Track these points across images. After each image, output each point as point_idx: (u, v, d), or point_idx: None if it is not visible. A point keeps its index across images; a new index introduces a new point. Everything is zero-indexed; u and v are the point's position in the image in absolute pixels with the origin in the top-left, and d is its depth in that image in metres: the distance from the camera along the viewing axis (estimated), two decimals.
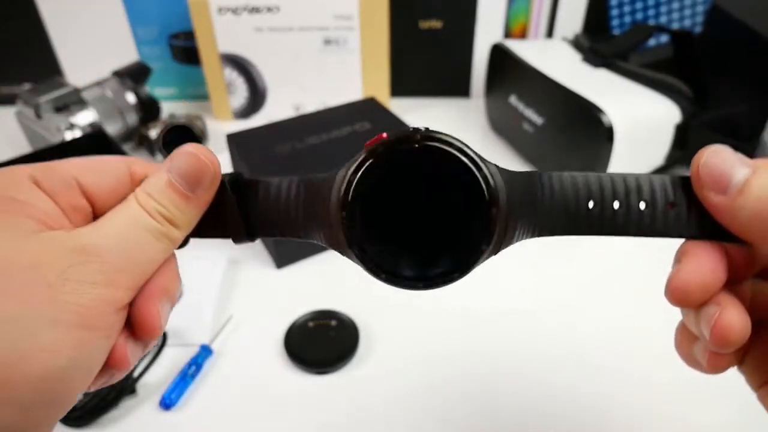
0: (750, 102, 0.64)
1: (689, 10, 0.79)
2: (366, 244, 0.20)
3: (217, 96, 0.77)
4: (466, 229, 0.20)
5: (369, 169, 0.19)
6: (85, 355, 0.18)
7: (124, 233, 0.20)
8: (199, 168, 0.21)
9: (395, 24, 0.74)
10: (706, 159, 0.20)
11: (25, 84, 0.81)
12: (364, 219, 0.20)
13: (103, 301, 0.19)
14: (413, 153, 0.20)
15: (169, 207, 0.21)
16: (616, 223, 0.21)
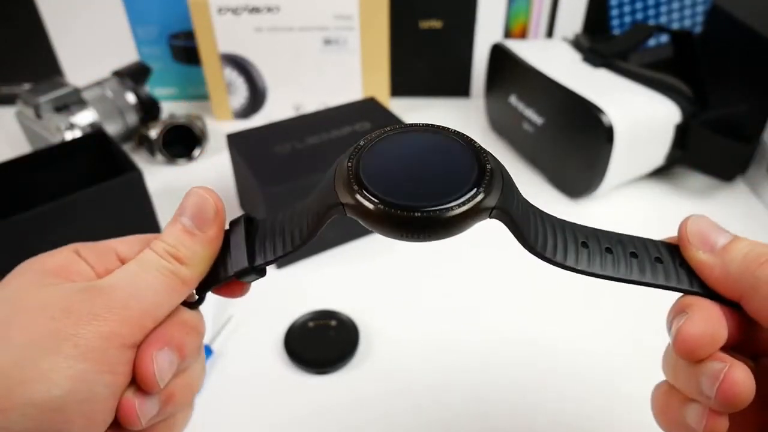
0: (750, 102, 0.64)
1: (689, 10, 0.79)
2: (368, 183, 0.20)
3: (217, 96, 0.77)
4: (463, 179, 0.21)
5: (375, 138, 0.21)
6: (83, 388, 0.18)
7: (133, 273, 0.21)
8: (199, 203, 0.22)
9: (395, 24, 0.74)
10: (692, 221, 0.22)
11: (25, 84, 0.81)
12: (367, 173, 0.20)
13: (104, 335, 0.19)
14: (412, 133, 0.22)
15: (176, 245, 0.22)
16: (606, 263, 0.22)
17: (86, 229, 0.52)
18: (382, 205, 0.19)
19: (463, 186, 0.20)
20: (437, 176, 0.20)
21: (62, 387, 0.18)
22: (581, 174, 0.61)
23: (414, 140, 0.22)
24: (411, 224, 0.19)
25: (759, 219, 0.60)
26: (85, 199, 0.50)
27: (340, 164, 0.21)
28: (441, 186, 0.20)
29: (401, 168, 0.21)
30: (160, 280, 0.21)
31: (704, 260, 0.21)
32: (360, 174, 0.20)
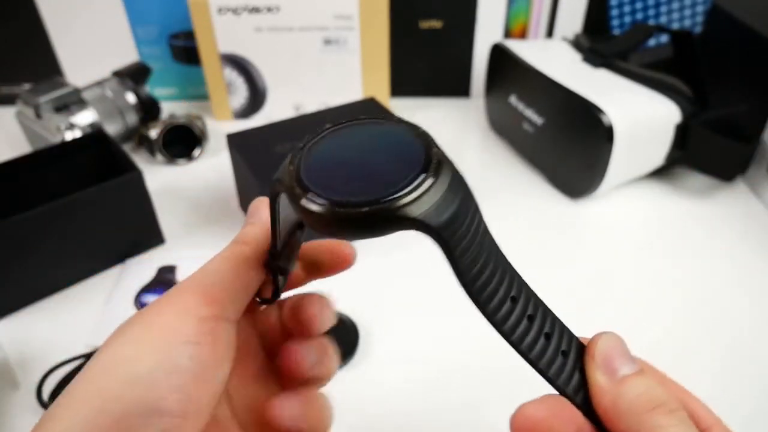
0: (750, 102, 0.64)
1: (689, 10, 0.79)
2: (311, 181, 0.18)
3: (217, 96, 0.77)
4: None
5: (318, 135, 0.20)
6: (168, 361, 0.19)
7: (207, 262, 0.23)
8: (251, 206, 0.25)
9: (395, 24, 0.74)
10: (603, 340, 0.21)
11: (25, 84, 0.81)
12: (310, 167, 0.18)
13: (175, 310, 0.20)
14: (352, 126, 0.20)
15: (240, 233, 0.24)
16: (517, 328, 0.20)
17: (86, 229, 0.52)
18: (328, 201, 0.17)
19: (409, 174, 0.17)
20: (374, 169, 0.18)
21: (145, 363, 0.19)
22: (581, 174, 0.61)
23: (358, 133, 0.20)
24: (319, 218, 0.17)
25: (759, 219, 0.60)
26: (85, 199, 0.50)
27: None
28: (370, 180, 0.18)
29: (341, 164, 0.19)
30: (220, 261, 0.22)
31: (600, 383, 0.20)
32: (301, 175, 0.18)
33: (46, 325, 0.50)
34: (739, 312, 0.50)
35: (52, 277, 0.52)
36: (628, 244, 0.58)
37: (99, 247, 0.54)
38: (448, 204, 0.17)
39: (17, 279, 0.50)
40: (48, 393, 0.43)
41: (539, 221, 0.61)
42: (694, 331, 0.49)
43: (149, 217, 0.56)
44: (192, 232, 0.60)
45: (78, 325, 0.49)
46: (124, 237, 0.55)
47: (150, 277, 0.54)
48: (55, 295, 0.53)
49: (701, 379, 0.45)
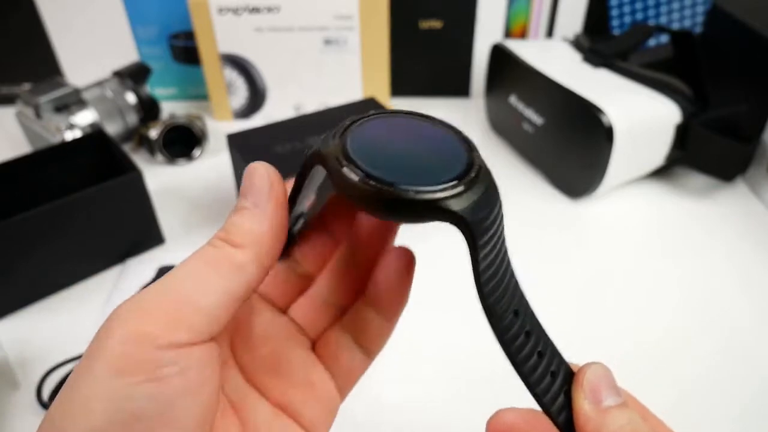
0: (750, 102, 0.64)
1: (689, 10, 0.79)
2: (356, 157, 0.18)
3: (217, 96, 0.77)
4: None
5: (362, 120, 0.20)
6: (122, 407, 0.16)
7: (175, 270, 0.18)
8: (251, 178, 0.20)
9: (395, 24, 0.74)
10: (592, 370, 0.21)
11: (25, 84, 0.81)
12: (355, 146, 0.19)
13: (129, 338, 0.16)
14: (398, 117, 0.21)
15: (228, 228, 0.19)
16: (516, 341, 0.20)
17: (86, 229, 0.52)
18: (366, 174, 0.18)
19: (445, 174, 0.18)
20: (421, 160, 0.19)
21: (99, 414, 0.16)
22: (581, 174, 0.61)
23: (403, 124, 0.21)
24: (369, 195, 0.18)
25: (759, 219, 0.60)
26: (85, 199, 0.50)
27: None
28: (421, 169, 0.19)
29: (388, 147, 0.19)
30: (203, 269, 0.18)
31: (585, 410, 0.20)
32: (347, 147, 0.19)
33: (46, 325, 0.50)
34: (739, 312, 0.50)
35: (52, 277, 0.52)
36: (628, 243, 0.58)
37: (99, 247, 0.54)
38: (483, 206, 0.18)
39: (17, 279, 0.50)
40: (48, 393, 0.43)
41: (539, 221, 0.61)
42: (694, 330, 0.49)
43: (149, 217, 0.56)
44: (192, 232, 0.60)
45: (78, 325, 0.49)
46: (124, 237, 0.55)
47: (150, 277, 0.54)
48: (55, 295, 0.53)
49: (701, 379, 0.45)
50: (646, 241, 0.58)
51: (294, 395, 0.22)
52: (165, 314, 0.17)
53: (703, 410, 0.42)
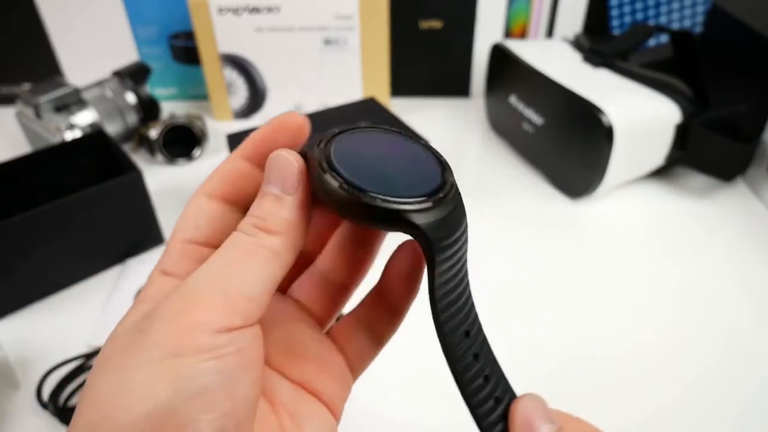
0: (750, 102, 0.64)
1: (689, 10, 0.79)
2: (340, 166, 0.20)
3: (217, 96, 0.77)
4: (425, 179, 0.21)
5: (344, 132, 0.22)
6: (187, 383, 0.17)
7: (215, 259, 0.19)
8: (282, 165, 0.20)
9: (395, 24, 0.74)
10: (523, 404, 0.21)
11: (25, 84, 0.81)
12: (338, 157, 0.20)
13: (187, 328, 0.18)
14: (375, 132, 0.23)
15: (263, 215, 0.20)
16: (463, 361, 0.21)
17: (86, 229, 0.52)
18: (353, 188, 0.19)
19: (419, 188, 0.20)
20: (397, 174, 0.21)
21: (164, 390, 0.17)
22: (581, 174, 0.61)
23: (389, 140, 0.23)
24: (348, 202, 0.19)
25: (759, 219, 0.60)
26: (85, 199, 0.50)
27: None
28: (398, 180, 0.20)
29: (369, 158, 0.21)
30: (244, 258, 0.19)
31: None
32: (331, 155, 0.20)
33: (46, 325, 0.50)
34: (739, 312, 0.50)
35: (52, 277, 0.52)
36: (628, 244, 0.58)
37: (99, 247, 0.54)
38: (446, 225, 0.20)
39: (17, 279, 0.50)
40: (48, 393, 0.43)
41: (539, 221, 0.61)
42: (694, 330, 0.49)
43: (149, 217, 0.56)
44: None
45: (78, 325, 0.49)
46: (124, 237, 0.55)
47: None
48: (55, 295, 0.53)
49: (701, 379, 0.45)
50: (646, 241, 0.58)
51: (311, 374, 0.23)
52: (218, 304, 0.18)
53: (703, 410, 0.42)
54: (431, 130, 0.68)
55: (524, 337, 0.48)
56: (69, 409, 0.42)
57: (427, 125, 0.70)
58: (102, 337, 0.47)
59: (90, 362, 0.45)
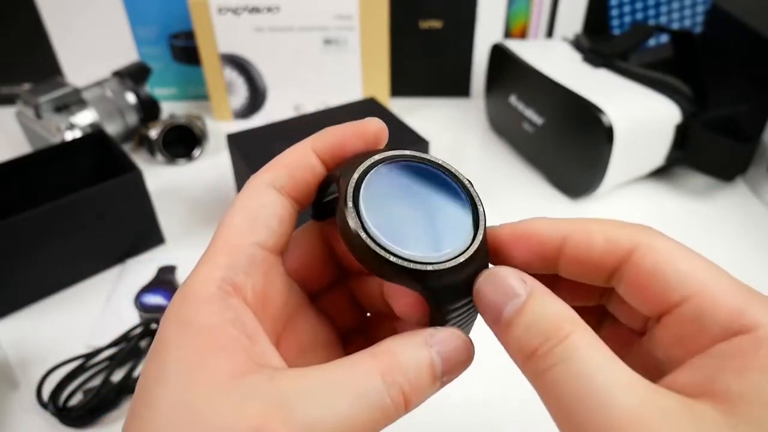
0: (750, 102, 0.64)
1: (689, 10, 0.79)
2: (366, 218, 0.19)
3: (217, 96, 0.77)
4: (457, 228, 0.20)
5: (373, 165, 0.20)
6: None
7: (348, 411, 0.16)
8: (466, 358, 0.19)
9: (395, 24, 0.74)
10: (479, 286, 0.19)
11: (25, 84, 0.81)
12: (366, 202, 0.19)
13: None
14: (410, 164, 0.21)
15: (414, 387, 0.18)
16: None
17: (86, 229, 0.52)
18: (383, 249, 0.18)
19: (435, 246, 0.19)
20: (421, 224, 0.20)
21: (257, 410, 0.16)
22: (581, 174, 0.61)
23: (423, 177, 0.21)
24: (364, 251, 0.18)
25: (759, 219, 0.60)
26: (85, 199, 0.50)
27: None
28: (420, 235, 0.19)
29: (398, 205, 0.20)
30: (370, 422, 0.17)
31: (492, 329, 0.19)
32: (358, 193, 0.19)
33: (46, 325, 0.50)
34: None
35: (52, 277, 0.52)
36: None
37: (99, 247, 0.54)
38: (458, 291, 0.19)
39: (17, 279, 0.50)
40: (48, 393, 0.43)
41: None
42: None
43: (149, 217, 0.56)
44: (192, 232, 0.60)
45: (78, 325, 0.49)
46: (124, 237, 0.55)
47: (150, 277, 0.54)
48: (55, 295, 0.53)
49: None
50: None
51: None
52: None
53: None
54: (431, 130, 0.68)
55: None
56: (69, 409, 0.42)
57: (427, 125, 0.70)
58: (102, 337, 0.47)
59: (90, 362, 0.45)
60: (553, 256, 0.20)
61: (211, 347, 0.17)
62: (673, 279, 0.18)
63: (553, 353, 0.16)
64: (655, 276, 0.18)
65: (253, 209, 0.19)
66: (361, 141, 0.21)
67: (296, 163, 0.21)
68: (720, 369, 0.16)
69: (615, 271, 0.19)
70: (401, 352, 0.18)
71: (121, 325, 0.48)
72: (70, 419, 0.41)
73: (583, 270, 0.19)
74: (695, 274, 0.18)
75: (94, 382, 0.44)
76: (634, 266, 0.18)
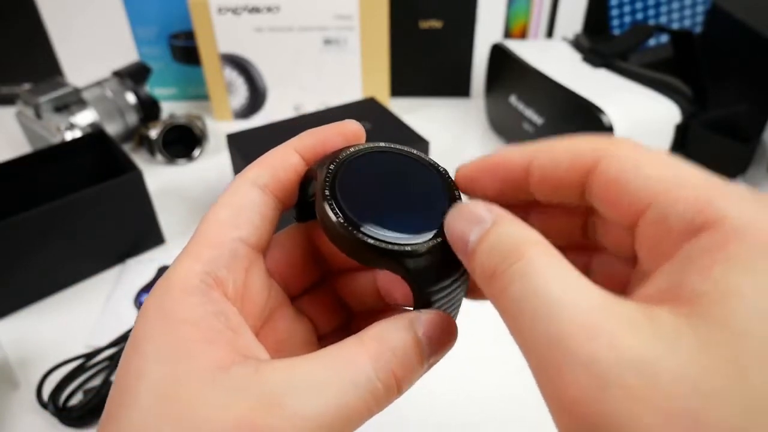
0: (750, 102, 0.64)
1: (689, 10, 0.79)
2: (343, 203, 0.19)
3: (217, 96, 0.77)
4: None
5: (346, 159, 0.21)
6: None
7: (340, 400, 0.16)
8: (450, 339, 0.19)
9: (395, 24, 0.74)
10: (447, 220, 0.19)
11: (25, 84, 0.81)
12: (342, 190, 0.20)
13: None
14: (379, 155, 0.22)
15: (405, 370, 0.18)
16: None
17: (86, 229, 0.52)
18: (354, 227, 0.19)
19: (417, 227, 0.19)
20: (399, 207, 0.20)
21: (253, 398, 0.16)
22: None
23: (396, 165, 0.21)
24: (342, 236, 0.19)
25: None
26: (85, 199, 0.50)
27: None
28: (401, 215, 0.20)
29: (376, 189, 0.20)
30: (358, 405, 0.17)
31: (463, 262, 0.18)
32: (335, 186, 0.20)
33: (46, 325, 0.50)
34: None
35: (52, 277, 0.52)
36: None
37: (99, 247, 0.54)
38: (439, 272, 0.19)
39: (17, 279, 0.50)
40: (48, 393, 0.43)
41: None
42: None
43: (149, 217, 0.56)
44: (192, 232, 0.60)
45: (78, 325, 0.49)
46: (124, 237, 0.55)
47: (150, 277, 0.54)
48: (55, 295, 0.53)
49: None
50: None
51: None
52: None
53: None
54: (431, 130, 0.68)
55: None
56: (69, 409, 0.42)
57: (427, 125, 0.70)
58: (102, 337, 0.47)
59: (90, 362, 0.45)
60: (522, 181, 0.19)
61: (195, 339, 0.17)
62: (637, 184, 0.16)
63: (511, 271, 0.16)
64: (619, 183, 0.17)
65: (237, 205, 0.20)
66: (341, 140, 0.22)
67: (279, 163, 0.21)
68: (686, 272, 0.14)
69: (584, 185, 0.18)
70: (388, 336, 0.18)
71: (121, 325, 0.48)
72: (70, 419, 0.41)
73: (555, 190, 0.19)
74: (660, 175, 0.16)
75: (94, 382, 0.44)
76: (600, 177, 0.17)
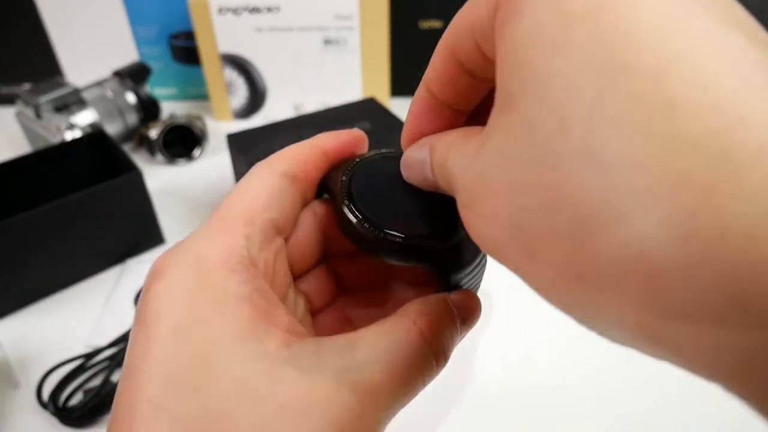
0: None
1: None
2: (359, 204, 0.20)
3: (217, 96, 0.77)
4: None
5: (364, 163, 0.22)
6: None
7: (403, 373, 0.17)
8: (478, 315, 0.21)
9: (395, 24, 0.74)
10: (405, 174, 0.20)
11: (25, 84, 0.81)
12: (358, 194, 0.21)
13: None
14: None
15: (448, 344, 0.19)
16: None
17: (86, 229, 0.52)
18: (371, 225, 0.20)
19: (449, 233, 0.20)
20: (415, 207, 0.21)
21: None
22: None
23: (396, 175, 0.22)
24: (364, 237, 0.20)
25: None
26: (85, 199, 0.50)
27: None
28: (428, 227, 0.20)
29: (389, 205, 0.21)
30: (416, 385, 0.18)
31: None
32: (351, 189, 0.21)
33: (46, 325, 0.50)
34: None
35: (52, 277, 0.52)
36: None
37: (99, 247, 0.54)
38: (462, 260, 0.21)
39: (17, 279, 0.50)
40: (48, 393, 0.43)
41: None
42: None
43: (149, 217, 0.56)
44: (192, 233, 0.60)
45: (78, 325, 0.49)
46: (124, 237, 0.55)
47: None
48: (55, 295, 0.53)
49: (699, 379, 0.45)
50: None
51: None
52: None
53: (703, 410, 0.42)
54: None
55: (523, 337, 0.48)
56: (69, 409, 0.42)
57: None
58: (102, 337, 0.47)
59: (90, 362, 0.45)
60: (456, 90, 0.18)
61: (253, 318, 0.16)
62: None
63: (447, 167, 0.17)
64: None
65: (268, 190, 0.20)
66: (357, 144, 0.22)
67: (306, 158, 0.21)
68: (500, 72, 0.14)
69: (487, 61, 0.16)
70: (432, 313, 0.19)
71: (121, 325, 0.48)
72: (70, 419, 0.41)
73: (476, 72, 0.17)
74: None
75: (94, 382, 0.44)
76: None
